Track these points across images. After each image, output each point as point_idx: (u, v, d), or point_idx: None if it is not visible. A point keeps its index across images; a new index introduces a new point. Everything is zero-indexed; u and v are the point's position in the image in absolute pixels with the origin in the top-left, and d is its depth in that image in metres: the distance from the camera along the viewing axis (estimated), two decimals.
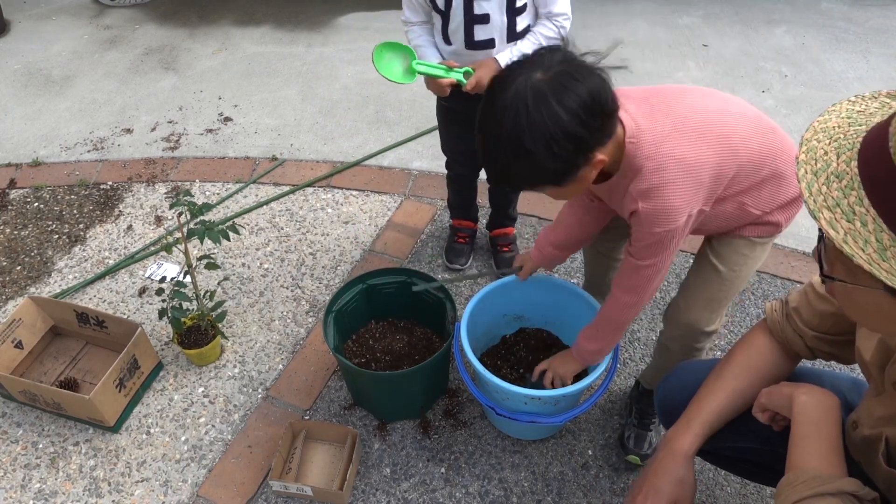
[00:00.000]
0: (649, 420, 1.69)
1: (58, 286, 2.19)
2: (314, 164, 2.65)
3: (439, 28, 1.67)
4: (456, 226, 2.22)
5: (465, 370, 1.61)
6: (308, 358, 1.94)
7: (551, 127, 1.01)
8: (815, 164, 0.74)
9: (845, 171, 0.71)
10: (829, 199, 0.70)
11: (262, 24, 3.66)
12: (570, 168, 1.08)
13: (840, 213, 0.69)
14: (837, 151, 0.73)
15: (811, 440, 0.94)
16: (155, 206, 2.48)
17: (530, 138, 1.02)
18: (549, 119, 1.01)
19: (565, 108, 1.01)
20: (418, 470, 1.68)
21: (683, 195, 1.16)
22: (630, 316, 1.39)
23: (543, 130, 1.01)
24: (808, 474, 0.90)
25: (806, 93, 3.01)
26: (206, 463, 1.71)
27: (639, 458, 1.65)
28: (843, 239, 0.68)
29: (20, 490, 1.67)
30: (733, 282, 1.40)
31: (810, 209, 0.72)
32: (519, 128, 1.02)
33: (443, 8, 1.60)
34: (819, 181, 0.72)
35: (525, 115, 1.01)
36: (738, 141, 1.20)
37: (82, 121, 2.95)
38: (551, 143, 1.02)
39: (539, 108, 1.01)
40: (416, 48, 1.71)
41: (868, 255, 0.66)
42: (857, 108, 0.79)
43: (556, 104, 1.01)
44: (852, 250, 0.67)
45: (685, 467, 1.08)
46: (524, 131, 1.02)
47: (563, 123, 1.01)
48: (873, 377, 0.96)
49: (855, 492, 0.86)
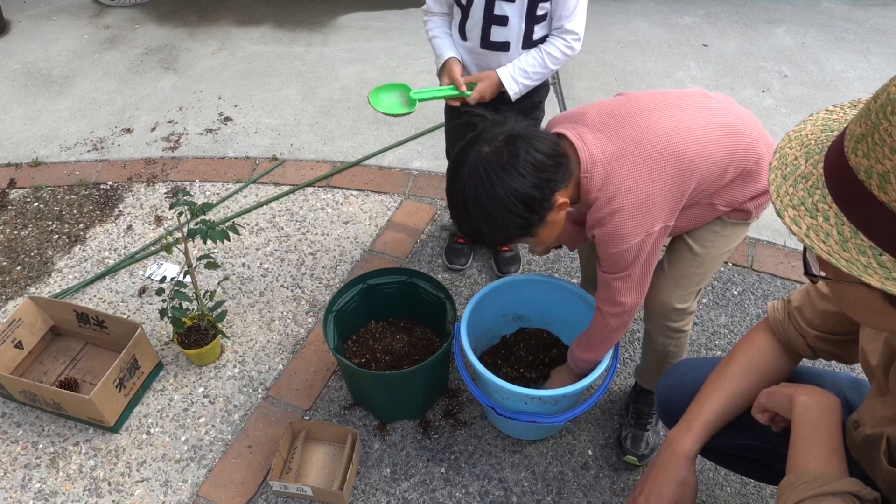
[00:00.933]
0: (646, 420, 1.69)
1: (58, 286, 2.19)
2: (314, 163, 2.65)
3: (458, 22, 1.69)
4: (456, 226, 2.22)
5: (465, 370, 1.61)
6: (308, 358, 1.94)
7: (503, 194, 1.14)
8: (785, 169, 0.79)
9: (811, 173, 0.76)
10: (794, 198, 0.75)
11: (262, 23, 3.66)
12: (534, 221, 1.20)
13: (804, 210, 0.74)
14: (806, 156, 0.78)
15: (812, 441, 0.94)
16: (155, 206, 2.48)
17: (490, 206, 1.16)
18: (499, 188, 1.14)
19: (515, 174, 1.14)
20: (418, 470, 1.68)
21: (634, 221, 1.24)
22: (616, 325, 1.43)
23: (498, 198, 1.15)
24: (810, 475, 0.90)
25: (806, 93, 3.01)
26: (206, 463, 1.71)
27: (636, 459, 1.65)
28: (804, 233, 0.72)
29: (20, 490, 1.67)
30: (704, 258, 1.43)
31: (777, 209, 0.76)
32: (478, 200, 1.16)
33: (464, 3, 1.63)
34: (787, 183, 0.77)
35: (481, 188, 1.15)
36: (696, 156, 1.23)
37: (82, 121, 2.95)
38: (509, 207, 1.15)
39: (491, 180, 1.15)
40: (431, 39, 1.76)
41: (828, 247, 0.70)
42: (833, 117, 0.84)
43: (505, 174, 1.14)
44: (812, 243, 0.71)
45: (687, 468, 1.09)
46: (482, 202, 1.16)
47: (515, 190, 1.14)
48: (877, 378, 0.96)
49: (856, 492, 0.86)
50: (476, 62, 1.74)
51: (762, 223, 2.29)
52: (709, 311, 2.05)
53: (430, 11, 1.75)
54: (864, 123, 0.69)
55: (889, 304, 0.73)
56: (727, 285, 2.13)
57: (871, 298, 0.74)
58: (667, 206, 1.24)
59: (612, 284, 1.36)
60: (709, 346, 1.95)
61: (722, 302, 2.08)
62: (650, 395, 1.69)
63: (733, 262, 2.21)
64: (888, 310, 0.74)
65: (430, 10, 1.75)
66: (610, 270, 1.34)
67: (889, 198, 0.66)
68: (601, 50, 3.33)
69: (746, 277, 2.16)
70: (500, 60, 1.70)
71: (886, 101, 0.66)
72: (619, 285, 1.35)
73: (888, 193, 0.66)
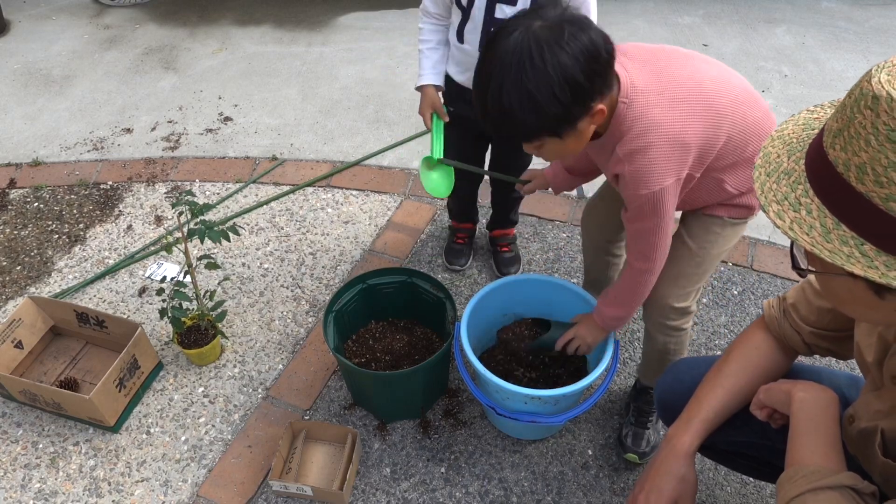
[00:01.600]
0: (646, 418, 1.69)
1: (58, 286, 2.19)
2: (314, 163, 2.65)
3: (456, 24, 1.66)
4: (455, 226, 2.21)
5: (465, 370, 1.61)
6: (308, 358, 1.94)
7: (553, 72, 1.03)
8: (769, 167, 0.82)
9: (794, 169, 0.79)
10: (777, 193, 0.78)
11: (262, 23, 3.66)
12: (571, 116, 1.09)
13: (787, 204, 0.77)
14: (789, 153, 0.81)
15: (810, 436, 0.95)
16: (155, 206, 2.48)
17: (534, 83, 1.03)
18: (550, 65, 1.02)
19: (567, 54, 1.03)
20: (418, 470, 1.68)
21: (667, 160, 1.18)
22: (646, 280, 1.40)
23: (546, 75, 1.03)
24: (808, 469, 0.91)
25: (806, 92, 3.01)
26: (206, 463, 1.71)
27: (637, 457, 1.65)
28: (788, 226, 0.75)
29: (20, 490, 1.67)
30: (703, 258, 1.42)
31: (762, 204, 0.79)
32: (523, 73, 1.03)
33: (465, 4, 1.59)
34: (770, 180, 0.80)
35: (529, 61, 1.03)
36: (731, 114, 1.22)
37: (82, 121, 2.95)
38: (554, 88, 1.03)
39: (542, 54, 1.02)
40: (420, 50, 1.73)
41: (811, 239, 0.73)
42: (815, 116, 0.86)
43: (558, 50, 1.02)
44: (797, 235, 0.74)
45: (686, 466, 1.09)
46: (528, 77, 1.03)
47: (565, 69, 1.03)
48: (871, 373, 0.97)
49: (854, 485, 0.87)
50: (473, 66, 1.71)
51: (762, 223, 2.29)
52: (709, 311, 2.05)
53: (427, 12, 1.70)
54: (840, 118, 0.72)
55: (876, 294, 0.75)
56: (727, 285, 2.13)
57: (859, 289, 0.76)
58: (697, 151, 1.20)
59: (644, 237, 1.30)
60: (709, 346, 1.95)
61: (722, 302, 2.08)
62: (651, 392, 1.69)
63: (733, 262, 2.21)
64: (876, 301, 0.75)
65: (427, 10, 1.70)
66: (637, 218, 1.28)
67: (867, 188, 0.69)
68: None
69: (746, 277, 2.16)
70: None
71: (860, 95, 0.69)
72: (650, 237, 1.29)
73: (865, 184, 0.69)
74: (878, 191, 0.68)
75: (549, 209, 2.39)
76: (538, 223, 2.35)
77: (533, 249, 2.26)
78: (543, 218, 2.37)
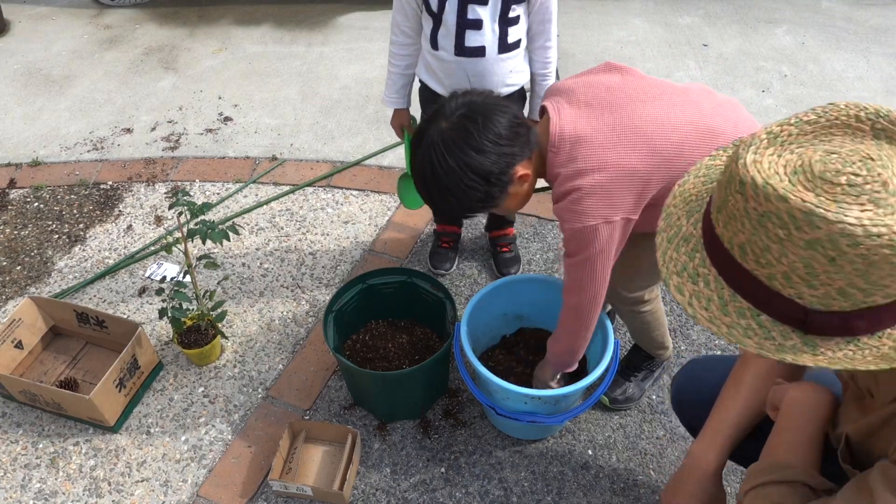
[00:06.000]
0: (632, 373, 1.76)
1: (58, 286, 2.19)
2: (314, 163, 2.65)
3: (428, 33, 1.63)
4: (439, 230, 2.21)
5: (465, 370, 1.62)
6: (308, 358, 1.94)
7: (461, 170, 1.16)
8: (670, 231, 0.79)
9: (692, 234, 0.77)
10: (677, 263, 0.76)
11: (262, 23, 3.66)
12: (492, 194, 1.21)
13: (686, 276, 0.75)
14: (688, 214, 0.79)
15: (787, 432, 0.97)
16: (155, 206, 2.48)
17: (447, 181, 1.18)
18: (458, 165, 1.16)
19: (473, 151, 1.16)
20: (418, 470, 1.68)
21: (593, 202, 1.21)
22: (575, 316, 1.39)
23: (454, 173, 1.17)
24: (773, 463, 0.94)
25: (806, 93, 3.01)
26: (206, 463, 1.71)
27: (608, 401, 1.74)
28: (687, 301, 0.74)
29: (20, 490, 1.67)
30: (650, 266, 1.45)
31: (663, 276, 0.77)
32: (436, 176, 1.18)
33: (436, 10, 1.57)
34: (671, 247, 0.78)
35: (439, 165, 1.17)
36: (669, 153, 1.21)
37: (82, 121, 2.95)
38: (466, 182, 1.17)
39: (446, 156, 1.16)
40: (388, 71, 1.74)
41: (710, 314, 0.72)
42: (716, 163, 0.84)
43: (462, 152, 1.16)
44: (695, 311, 0.73)
45: (715, 484, 1.10)
46: (440, 178, 1.18)
47: (472, 166, 1.16)
48: (848, 384, 0.97)
49: (808, 481, 0.89)
50: (448, 73, 1.66)
51: None
52: None
53: (397, 25, 1.66)
54: (720, 193, 0.70)
55: None
56: None
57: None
58: (630, 196, 1.21)
59: (573, 272, 1.32)
60: (709, 346, 1.95)
61: None
62: (642, 352, 1.76)
63: None
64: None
65: (398, 23, 1.65)
66: (569, 252, 1.30)
67: (751, 266, 0.68)
68: (601, 50, 3.33)
69: None
70: (476, 68, 1.62)
71: (730, 177, 0.68)
72: (579, 274, 1.30)
73: (748, 263, 0.68)
74: (761, 270, 0.67)
75: (549, 209, 2.38)
76: (538, 223, 2.35)
77: (533, 249, 2.26)
78: (543, 218, 2.37)
